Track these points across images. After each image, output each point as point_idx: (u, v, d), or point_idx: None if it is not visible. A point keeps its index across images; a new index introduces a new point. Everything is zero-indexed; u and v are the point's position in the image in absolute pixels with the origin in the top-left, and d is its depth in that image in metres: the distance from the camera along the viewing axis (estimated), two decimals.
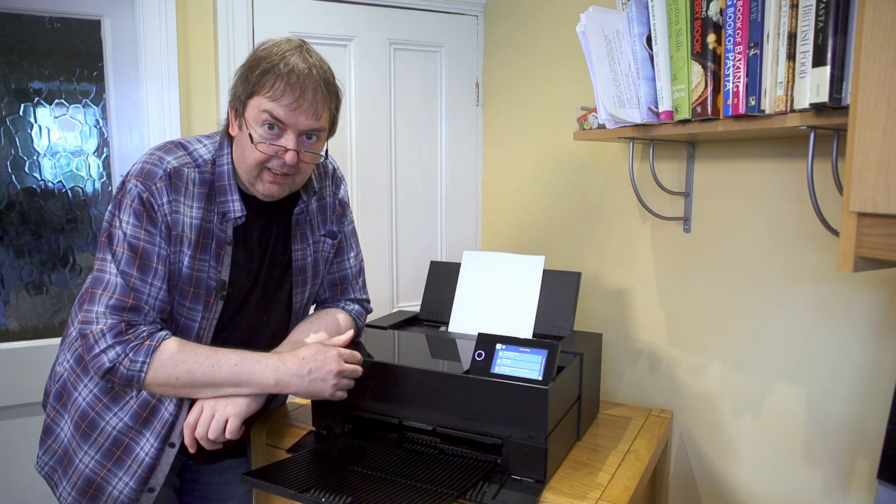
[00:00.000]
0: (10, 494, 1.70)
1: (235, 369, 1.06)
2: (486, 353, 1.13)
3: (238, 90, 1.09)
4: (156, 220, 1.05)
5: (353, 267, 1.36)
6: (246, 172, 1.10)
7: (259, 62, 1.06)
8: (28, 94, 1.67)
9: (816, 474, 1.35)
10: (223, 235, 1.12)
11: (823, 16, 0.96)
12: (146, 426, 1.11)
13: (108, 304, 1.03)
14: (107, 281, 1.04)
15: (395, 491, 1.02)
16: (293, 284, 1.24)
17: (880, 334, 1.25)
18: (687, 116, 1.18)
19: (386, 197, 1.92)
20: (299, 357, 1.09)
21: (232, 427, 1.05)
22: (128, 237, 1.04)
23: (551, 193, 1.81)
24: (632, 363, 1.65)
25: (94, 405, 1.12)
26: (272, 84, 1.04)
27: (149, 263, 1.05)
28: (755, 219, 1.40)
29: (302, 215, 1.22)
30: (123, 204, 1.05)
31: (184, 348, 1.06)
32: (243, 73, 1.08)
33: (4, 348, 1.67)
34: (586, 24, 1.26)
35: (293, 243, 1.22)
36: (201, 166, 1.11)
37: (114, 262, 1.05)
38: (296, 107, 1.05)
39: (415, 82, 1.92)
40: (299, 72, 1.04)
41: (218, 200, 1.11)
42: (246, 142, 1.07)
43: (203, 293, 1.11)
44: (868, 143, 0.74)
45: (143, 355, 1.02)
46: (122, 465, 1.11)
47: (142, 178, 1.05)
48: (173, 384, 1.04)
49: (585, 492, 1.09)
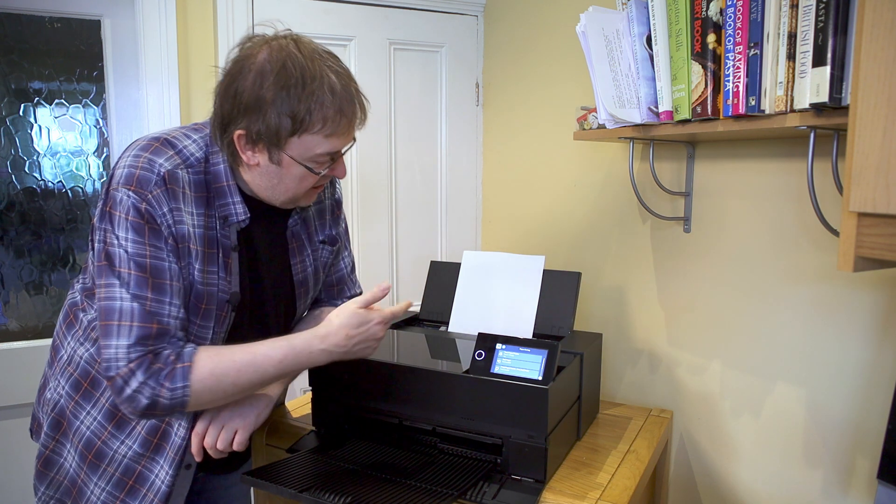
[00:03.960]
0: (11, 494, 1.70)
1: (281, 366, 0.99)
2: (486, 352, 1.13)
3: (269, 123, 0.93)
4: (160, 233, 0.93)
5: (347, 266, 1.34)
6: (289, 199, 1.03)
7: (291, 92, 0.92)
8: (28, 94, 1.67)
9: (816, 474, 1.35)
10: (227, 242, 1.02)
11: (823, 16, 0.96)
12: (158, 452, 1.05)
13: (130, 336, 0.91)
14: (119, 309, 0.91)
15: (395, 491, 1.02)
16: (297, 297, 1.18)
17: (880, 334, 1.25)
18: (687, 116, 1.18)
19: (386, 197, 1.92)
20: (343, 334, 1.01)
21: (240, 440, 1.03)
22: (132, 255, 0.92)
23: (551, 193, 1.81)
24: (632, 363, 1.65)
25: (99, 433, 1.04)
26: (324, 119, 0.94)
27: (163, 281, 0.93)
28: (755, 219, 1.40)
29: (297, 227, 1.16)
30: (117, 218, 0.92)
31: (220, 359, 0.95)
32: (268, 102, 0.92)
33: (4, 348, 1.67)
34: (586, 24, 1.26)
35: (291, 257, 1.15)
36: (194, 166, 0.98)
37: (122, 287, 0.91)
38: (347, 129, 0.99)
39: (415, 82, 1.92)
40: (346, 94, 0.96)
41: (217, 204, 1.01)
42: (289, 175, 0.99)
43: (214, 308, 1.02)
44: (868, 143, 0.74)
45: (181, 379, 0.92)
46: (136, 494, 1.04)
47: (133, 187, 0.92)
48: (221, 398, 0.98)
49: (585, 492, 1.09)
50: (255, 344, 0.99)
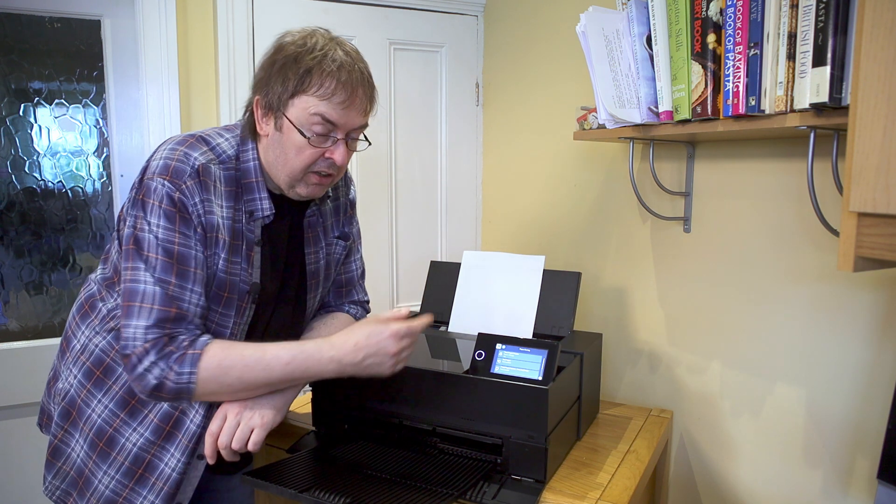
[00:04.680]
0: (11, 494, 1.70)
1: (288, 368, 1.00)
2: (486, 353, 1.13)
3: (275, 87, 1.00)
4: (190, 222, 0.97)
5: (358, 269, 1.34)
6: (288, 175, 1.04)
7: (299, 57, 0.98)
8: (28, 94, 1.67)
9: (816, 474, 1.35)
10: (252, 236, 1.06)
11: (823, 16, 0.96)
12: (170, 440, 1.05)
13: (150, 317, 0.95)
14: (143, 291, 0.96)
15: (395, 491, 1.02)
16: (307, 289, 1.19)
17: (880, 334, 1.25)
18: (687, 116, 1.18)
19: (386, 197, 1.92)
20: (352, 343, 1.02)
21: (256, 439, 1.02)
22: (161, 241, 0.96)
23: (551, 193, 1.81)
24: (632, 363, 1.65)
25: (111, 421, 1.05)
26: (321, 82, 0.97)
27: (187, 268, 0.97)
28: (755, 219, 1.40)
29: (314, 218, 1.17)
30: (150, 205, 0.97)
31: (229, 352, 0.98)
32: (279, 68, 1.00)
33: (4, 348, 1.67)
34: (586, 24, 1.26)
35: (306, 247, 1.17)
36: (225, 162, 1.03)
37: (148, 270, 0.96)
38: (348, 105, 0.99)
39: (415, 82, 1.92)
40: (349, 68, 0.98)
41: (245, 199, 1.05)
42: (289, 144, 1.01)
43: (236, 297, 1.05)
44: (868, 143, 0.75)
45: (189, 365, 0.95)
46: (146, 483, 1.05)
47: (168, 177, 0.97)
48: (226, 392, 1.00)
49: (585, 492, 1.09)
50: (266, 344, 1.02)
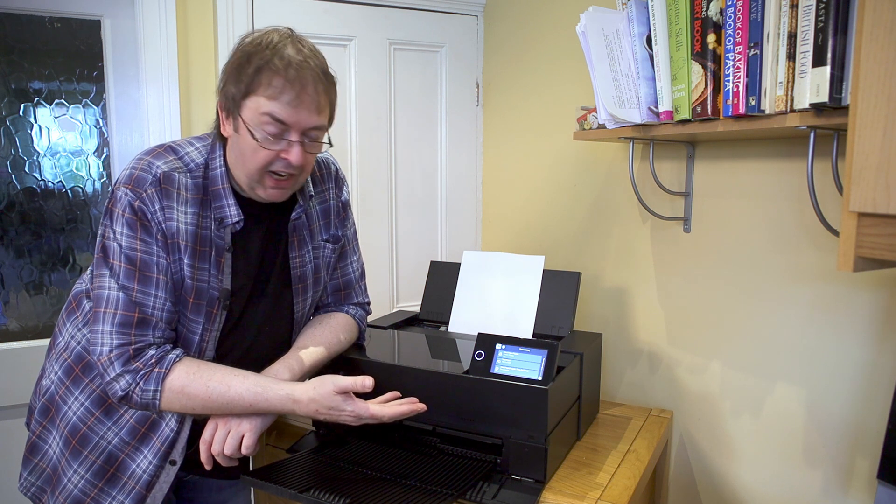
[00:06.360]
0: (11, 494, 1.69)
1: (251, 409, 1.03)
2: (486, 353, 1.13)
3: (229, 89, 1.01)
4: (150, 229, 1.00)
5: (356, 271, 1.32)
6: (246, 177, 1.04)
7: (250, 57, 0.99)
8: (28, 94, 1.67)
9: (816, 474, 1.35)
10: (222, 242, 1.06)
11: (823, 16, 0.96)
12: (144, 442, 1.07)
13: (113, 322, 0.98)
14: (107, 297, 0.99)
15: (395, 491, 1.02)
16: (293, 293, 1.18)
17: (880, 334, 1.25)
18: (687, 116, 1.18)
19: (386, 197, 1.92)
20: (313, 409, 1.03)
21: (248, 443, 1.03)
22: (124, 249, 0.99)
23: (551, 193, 1.81)
24: (632, 363, 1.65)
25: (85, 419, 1.07)
26: (269, 81, 0.97)
27: (149, 274, 1.00)
28: (755, 219, 1.40)
29: (299, 220, 1.16)
30: (115, 214, 1.00)
31: (195, 379, 1.00)
32: (233, 69, 1.01)
33: (4, 348, 1.67)
34: (586, 24, 1.26)
35: (290, 251, 1.16)
36: (193, 171, 1.05)
37: (112, 277, 1.00)
38: (297, 103, 0.99)
39: (415, 82, 1.92)
40: (297, 65, 0.98)
41: (213, 206, 1.06)
42: (245, 145, 1.01)
43: (205, 304, 1.06)
44: (868, 143, 0.74)
45: (154, 384, 0.99)
46: (117, 482, 1.06)
47: (131, 186, 1.00)
48: (189, 412, 1.03)
49: (585, 492, 1.09)
50: (235, 377, 1.03)
